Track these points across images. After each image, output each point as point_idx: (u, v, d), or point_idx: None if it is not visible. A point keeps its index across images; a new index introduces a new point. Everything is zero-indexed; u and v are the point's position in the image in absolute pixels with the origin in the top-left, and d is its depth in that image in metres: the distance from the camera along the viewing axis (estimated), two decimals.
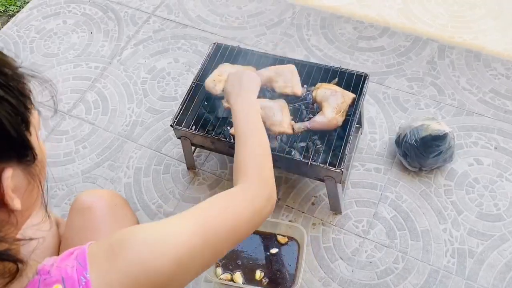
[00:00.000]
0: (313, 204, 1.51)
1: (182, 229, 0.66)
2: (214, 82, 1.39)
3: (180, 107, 1.41)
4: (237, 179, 0.87)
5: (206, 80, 1.41)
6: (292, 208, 1.51)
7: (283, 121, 1.32)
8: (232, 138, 1.37)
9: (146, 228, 0.65)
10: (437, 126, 1.44)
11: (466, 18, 1.97)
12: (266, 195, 0.83)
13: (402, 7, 2.02)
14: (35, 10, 2.17)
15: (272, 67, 1.42)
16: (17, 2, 2.24)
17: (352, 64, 1.85)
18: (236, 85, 1.09)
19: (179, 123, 1.39)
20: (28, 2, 2.22)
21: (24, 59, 1.98)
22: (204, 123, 1.43)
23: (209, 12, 2.09)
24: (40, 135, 0.64)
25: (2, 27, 2.13)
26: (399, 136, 1.54)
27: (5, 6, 2.23)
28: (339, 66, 1.46)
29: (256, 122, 0.98)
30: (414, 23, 1.97)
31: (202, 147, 1.48)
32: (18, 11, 2.19)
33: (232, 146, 1.36)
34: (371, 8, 2.04)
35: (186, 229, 0.67)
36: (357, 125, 1.62)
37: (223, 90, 1.34)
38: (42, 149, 0.61)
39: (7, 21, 2.16)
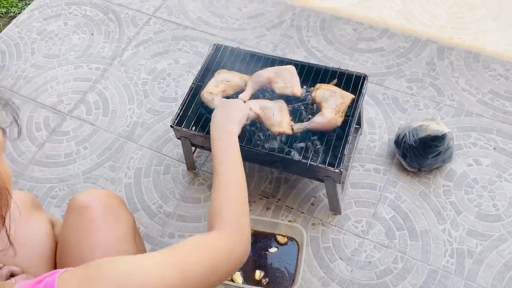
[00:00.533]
0: (312, 204, 1.52)
1: (160, 268, 0.66)
2: (212, 95, 1.39)
3: (180, 107, 1.42)
4: (214, 222, 0.86)
5: (202, 92, 1.42)
6: (292, 208, 1.52)
7: (283, 121, 1.33)
8: None
9: (124, 261, 0.64)
10: (436, 127, 1.44)
11: (465, 19, 1.97)
12: (243, 244, 0.83)
13: (402, 8, 2.03)
14: (36, 11, 2.18)
15: (272, 68, 1.42)
16: (19, 3, 2.26)
17: (352, 65, 1.85)
18: (224, 115, 1.09)
19: (179, 123, 1.40)
20: (29, 4, 2.23)
21: (25, 60, 1.99)
22: (204, 123, 1.43)
23: (209, 14, 2.10)
24: (4, 157, 0.62)
25: (4, 28, 2.14)
26: (398, 137, 1.54)
27: (7, 8, 2.24)
28: (338, 67, 1.47)
29: (234, 162, 0.97)
30: (414, 24, 1.97)
31: (202, 147, 1.48)
32: (19, 13, 2.20)
33: None
34: (371, 9, 2.04)
35: (164, 268, 0.66)
36: (356, 126, 1.63)
37: None
38: (3, 173, 0.59)
39: (9, 22, 2.17)
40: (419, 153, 1.46)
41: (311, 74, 1.47)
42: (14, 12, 2.22)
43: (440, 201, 1.49)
